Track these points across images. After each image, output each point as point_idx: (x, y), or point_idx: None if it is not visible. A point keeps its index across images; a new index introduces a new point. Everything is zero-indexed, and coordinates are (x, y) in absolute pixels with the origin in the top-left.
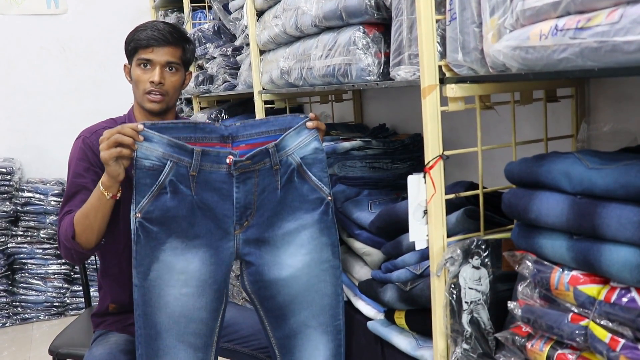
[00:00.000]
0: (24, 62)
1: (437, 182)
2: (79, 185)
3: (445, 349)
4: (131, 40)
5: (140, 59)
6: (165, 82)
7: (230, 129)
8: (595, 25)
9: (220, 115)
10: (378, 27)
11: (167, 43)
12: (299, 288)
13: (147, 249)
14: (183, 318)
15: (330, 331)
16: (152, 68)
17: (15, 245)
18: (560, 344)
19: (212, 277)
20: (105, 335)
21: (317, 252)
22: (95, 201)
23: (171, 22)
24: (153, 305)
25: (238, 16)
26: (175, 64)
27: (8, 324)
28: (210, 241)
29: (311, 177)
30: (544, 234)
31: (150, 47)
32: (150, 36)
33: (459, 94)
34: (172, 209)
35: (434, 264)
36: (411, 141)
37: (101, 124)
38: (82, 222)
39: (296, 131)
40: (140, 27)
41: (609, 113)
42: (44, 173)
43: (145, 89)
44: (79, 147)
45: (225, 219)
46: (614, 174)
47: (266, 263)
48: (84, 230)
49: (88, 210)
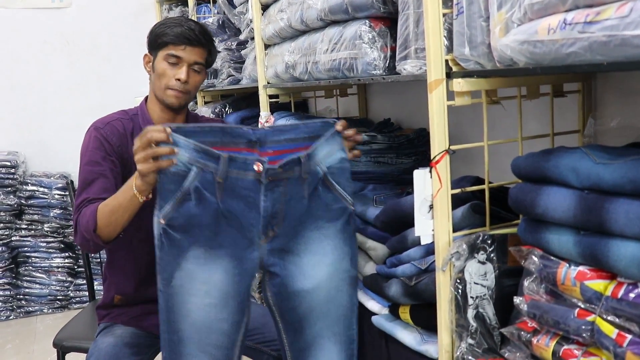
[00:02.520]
0: (28, 56)
1: (443, 177)
2: (96, 172)
3: (450, 343)
4: (162, 33)
5: (169, 54)
6: (190, 81)
7: (258, 133)
8: (605, 19)
9: (225, 110)
10: (384, 21)
11: (199, 44)
12: (319, 299)
13: (170, 256)
14: (205, 328)
15: (344, 341)
16: (179, 65)
17: (19, 238)
18: (566, 340)
19: (235, 289)
20: (111, 327)
21: (339, 262)
22: (126, 202)
23: (200, 22)
24: (176, 312)
25: (243, 10)
26: (201, 64)
27: (12, 317)
28: (234, 251)
29: (336, 186)
30: (551, 229)
31: (182, 45)
32: (184, 34)
33: (465, 89)
34: (196, 217)
35: (439, 258)
36: (416, 136)
37: (114, 115)
38: (107, 218)
39: (326, 140)
40: (172, 22)
41: (616, 108)
42: (47, 167)
43: (168, 84)
44: (93, 136)
45: (250, 227)
46: (622, 169)
47: (291, 274)
48: (107, 225)
49: (115, 208)
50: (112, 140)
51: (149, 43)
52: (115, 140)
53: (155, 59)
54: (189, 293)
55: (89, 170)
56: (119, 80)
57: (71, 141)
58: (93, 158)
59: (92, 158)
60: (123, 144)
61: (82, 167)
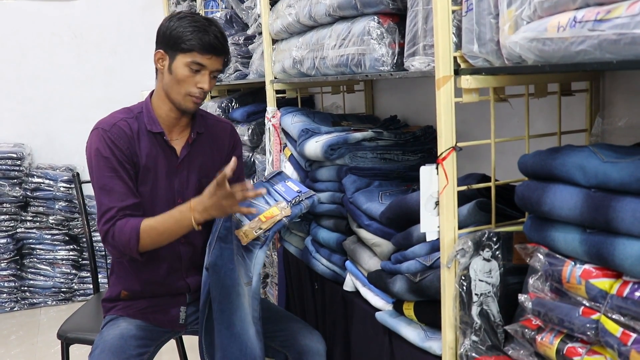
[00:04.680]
0: (36, 48)
1: (450, 174)
2: (114, 176)
3: (453, 340)
4: (185, 38)
5: (195, 62)
6: (209, 87)
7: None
8: (615, 17)
9: (231, 105)
10: (393, 17)
11: (223, 53)
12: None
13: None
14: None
15: None
16: (202, 73)
17: (25, 230)
18: (571, 338)
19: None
20: (116, 320)
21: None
22: (179, 228)
23: (219, 25)
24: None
25: (251, 5)
26: (219, 71)
27: (16, 309)
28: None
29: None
30: (557, 227)
31: (209, 55)
32: (212, 44)
33: (473, 85)
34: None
35: (444, 255)
36: (422, 133)
37: (117, 115)
38: (154, 238)
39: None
40: (193, 24)
41: (624, 107)
42: (53, 159)
43: (191, 91)
44: (101, 141)
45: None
46: (630, 168)
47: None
48: (151, 244)
49: (166, 231)
50: (121, 144)
51: (165, 41)
52: (124, 144)
53: (174, 61)
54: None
55: (106, 173)
56: (125, 74)
57: (77, 134)
58: (107, 163)
59: (107, 163)
60: (132, 146)
61: (97, 171)
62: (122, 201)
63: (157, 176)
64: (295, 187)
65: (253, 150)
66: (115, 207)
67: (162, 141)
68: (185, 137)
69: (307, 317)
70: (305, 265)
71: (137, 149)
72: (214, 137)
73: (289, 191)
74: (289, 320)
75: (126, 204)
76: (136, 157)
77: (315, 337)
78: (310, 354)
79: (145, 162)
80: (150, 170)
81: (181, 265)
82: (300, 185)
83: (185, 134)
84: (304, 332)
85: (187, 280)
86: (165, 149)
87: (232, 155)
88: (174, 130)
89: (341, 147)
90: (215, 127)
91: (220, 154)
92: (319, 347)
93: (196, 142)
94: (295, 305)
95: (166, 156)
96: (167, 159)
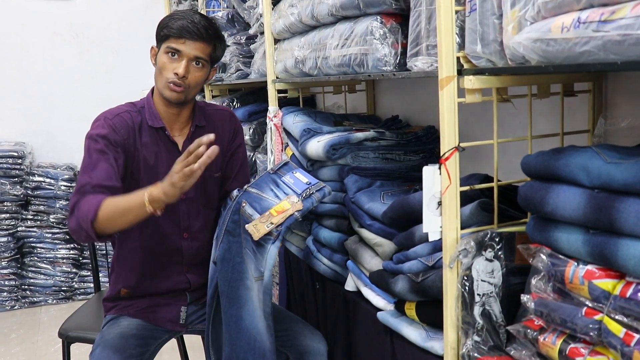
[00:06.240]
0: (37, 46)
1: (452, 174)
2: (101, 158)
3: (455, 340)
4: (164, 26)
5: (169, 47)
6: (189, 76)
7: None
8: (620, 18)
9: (232, 104)
10: (395, 17)
11: (200, 38)
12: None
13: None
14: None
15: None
16: (179, 59)
17: (25, 229)
18: (573, 338)
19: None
20: (117, 319)
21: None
22: (136, 209)
23: (209, 17)
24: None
25: (253, 4)
26: (203, 59)
27: (16, 307)
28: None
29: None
30: (560, 228)
31: (182, 39)
32: (184, 27)
33: (476, 86)
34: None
35: (447, 255)
36: (424, 133)
37: (122, 107)
38: (110, 216)
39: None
40: (177, 14)
41: (627, 108)
42: (54, 158)
43: (168, 77)
44: (101, 125)
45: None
46: (633, 169)
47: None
48: (107, 221)
49: (123, 211)
50: (120, 132)
51: (156, 36)
52: (124, 133)
53: (159, 51)
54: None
55: (94, 154)
56: (127, 72)
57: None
58: (99, 144)
59: (98, 144)
60: (130, 137)
61: (87, 150)
62: (102, 180)
63: (159, 171)
64: (305, 178)
65: (254, 149)
66: (91, 183)
67: (164, 136)
68: (187, 132)
69: (308, 317)
70: (306, 265)
71: (138, 142)
72: (214, 127)
73: (298, 183)
74: (290, 320)
75: (104, 184)
76: (133, 148)
77: (316, 337)
78: (311, 354)
79: (147, 157)
80: (152, 166)
81: (182, 259)
82: (309, 176)
83: (187, 129)
84: (305, 332)
85: (187, 275)
86: (167, 144)
87: (234, 143)
88: (175, 126)
89: (343, 147)
90: (214, 116)
91: (221, 142)
92: (320, 347)
93: (196, 135)
94: (297, 305)
95: (168, 151)
96: (170, 153)
